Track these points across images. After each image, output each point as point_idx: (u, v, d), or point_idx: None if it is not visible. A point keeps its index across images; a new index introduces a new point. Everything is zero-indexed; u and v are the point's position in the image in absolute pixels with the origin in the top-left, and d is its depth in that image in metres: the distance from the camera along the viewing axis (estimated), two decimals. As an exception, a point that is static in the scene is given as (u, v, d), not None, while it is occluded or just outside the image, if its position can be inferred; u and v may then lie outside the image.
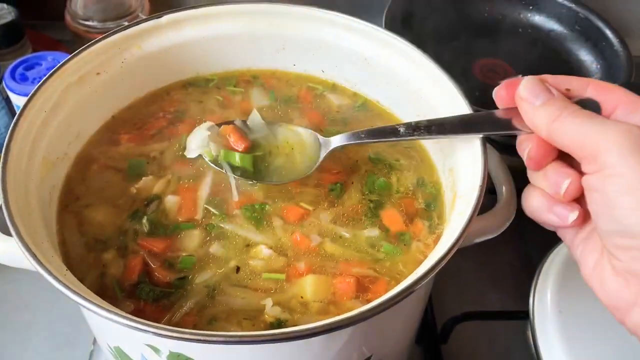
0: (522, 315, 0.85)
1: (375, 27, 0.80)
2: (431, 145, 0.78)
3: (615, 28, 1.18)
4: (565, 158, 0.56)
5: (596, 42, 1.20)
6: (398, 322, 0.69)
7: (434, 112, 0.74)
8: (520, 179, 0.77)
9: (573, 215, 0.55)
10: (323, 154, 0.72)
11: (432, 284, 0.71)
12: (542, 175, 0.57)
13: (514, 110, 0.59)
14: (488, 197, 0.63)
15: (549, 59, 1.24)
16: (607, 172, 0.50)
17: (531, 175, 0.59)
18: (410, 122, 0.65)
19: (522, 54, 1.24)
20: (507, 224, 0.70)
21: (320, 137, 0.73)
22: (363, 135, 0.68)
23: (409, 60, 0.78)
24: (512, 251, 1.01)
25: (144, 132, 0.80)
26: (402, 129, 0.65)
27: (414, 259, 0.68)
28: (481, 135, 0.64)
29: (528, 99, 0.56)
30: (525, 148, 0.57)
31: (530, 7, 1.27)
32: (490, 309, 0.92)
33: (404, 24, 1.16)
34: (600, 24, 1.20)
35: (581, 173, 0.54)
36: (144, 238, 0.68)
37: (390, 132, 0.66)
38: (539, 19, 1.27)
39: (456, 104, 0.71)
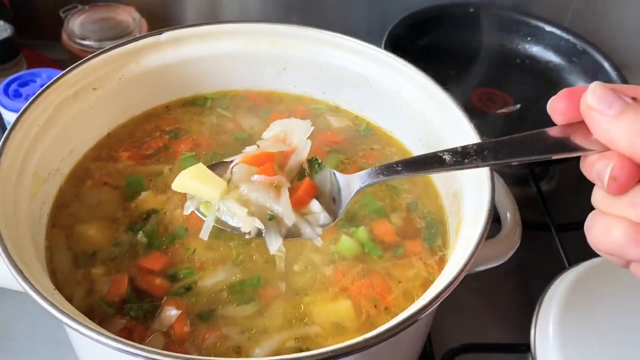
0: (523, 348, 0.83)
1: (378, 49, 0.79)
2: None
3: (613, 60, 1.19)
4: None
5: (594, 74, 1.21)
6: (399, 353, 0.66)
7: (438, 135, 0.73)
8: (523, 207, 0.76)
9: None
10: (347, 199, 0.60)
11: (434, 313, 0.69)
12: (626, 201, 0.46)
13: (574, 126, 0.49)
14: (491, 226, 0.60)
15: (546, 89, 1.24)
16: None
17: (607, 202, 0.48)
18: (457, 148, 0.53)
19: (520, 84, 1.24)
20: (512, 252, 0.69)
21: (341, 176, 0.62)
22: (400, 168, 0.55)
23: (412, 83, 0.77)
24: (513, 282, 0.99)
25: (141, 151, 0.78)
26: (447, 157, 0.52)
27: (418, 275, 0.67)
28: (550, 158, 0.51)
29: (599, 108, 0.46)
30: (604, 169, 0.46)
31: (529, 39, 1.28)
32: (490, 341, 0.90)
33: (402, 52, 1.16)
34: (598, 56, 1.20)
35: None
36: (140, 257, 0.66)
37: (433, 162, 0.53)
38: (536, 50, 1.28)
39: (460, 127, 0.69)
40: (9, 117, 0.99)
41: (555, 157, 0.50)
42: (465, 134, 0.69)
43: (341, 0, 1.30)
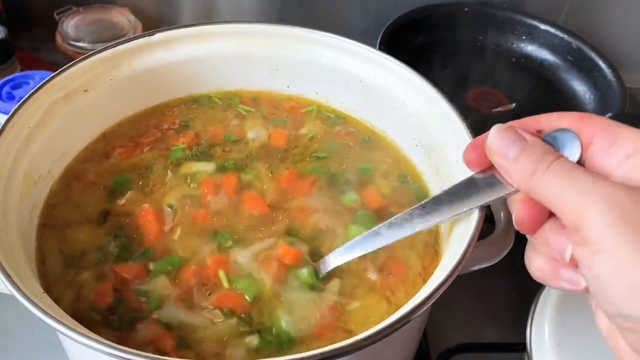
0: (519, 348, 0.83)
1: (371, 49, 0.79)
2: (427, 169, 0.77)
3: (608, 58, 1.18)
4: None
5: (589, 73, 1.21)
6: (394, 353, 0.66)
7: (431, 134, 0.73)
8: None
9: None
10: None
11: (428, 313, 0.69)
12: (540, 239, 0.50)
13: (493, 168, 0.53)
14: (485, 225, 0.60)
15: (542, 88, 1.24)
16: (592, 247, 0.43)
17: (530, 237, 0.52)
18: (390, 221, 0.58)
19: (515, 83, 1.24)
20: (506, 252, 0.68)
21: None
22: (346, 253, 0.62)
23: (405, 83, 0.77)
24: (508, 281, 0.99)
25: (132, 152, 0.78)
26: (383, 231, 0.59)
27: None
28: (475, 209, 0.57)
29: (500, 151, 0.50)
30: (514, 209, 0.50)
31: (524, 37, 1.28)
32: (487, 341, 0.90)
33: (397, 52, 1.16)
34: (593, 55, 1.20)
35: None
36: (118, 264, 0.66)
37: (369, 240, 0.60)
38: (532, 48, 1.28)
39: (453, 126, 0.69)
40: (2, 119, 0.99)
41: (483, 205, 0.54)
42: (459, 133, 0.69)
43: (336, 0, 1.30)
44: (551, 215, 0.49)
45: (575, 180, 0.45)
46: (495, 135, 0.50)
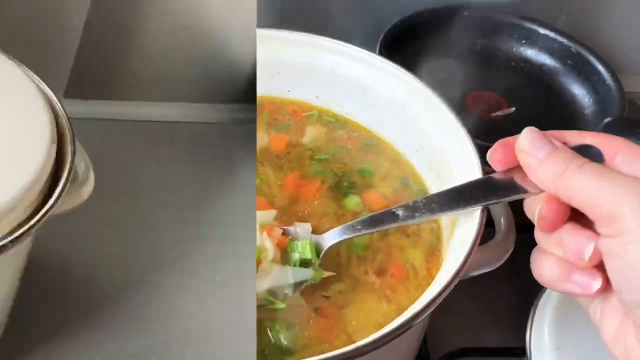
0: (519, 352, 0.83)
1: (371, 54, 0.80)
2: (427, 173, 0.77)
3: (607, 63, 1.19)
4: (579, 217, 0.50)
5: (588, 77, 1.21)
6: (394, 358, 0.66)
7: (430, 138, 0.73)
8: (517, 211, 0.76)
9: (597, 283, 0.49)
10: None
11: (429, 318, 0.69)
12: (555, 240, 0.51)
13: (514, 170, 0.55)
14: (485, 230, 0.61)
15: (541, 92, 1.24)
16: (628, 237, 0.44)
17: (542, 239, 0.53)
18: (408, 203, 0.60)
19: (514, 87, 1.24)
20: (506, 257, 0.68)
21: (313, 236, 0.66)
22: (360, 227, 0.62)
23: (405, 87, 0.77)
24: (509, 284, 0.99)
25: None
26: (400, 212, 0.60)
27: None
28: (485, 205, 0.59)
29: (530, 151, 0.52)
30: (536, 207, 0.52)
31: (523, 41, 1.28)
32: (488, 345, 0.90)
33: (397, 55, 1.17)
34: (592, 59, 1.20)
35: (598, 233, 0.48)
36: None
37: (387, 218, 0.60)
38: (531, 52, 1.28)
39: (452, 130, 0.70)
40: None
41: (501, 201, 0.57)
42: (458, 137, 0.69)
43: (336, 4, 1.30)
44: (570, 216, 0.51)
45: (610, 178, 0.47)
46: (528, 135, 0.52)
